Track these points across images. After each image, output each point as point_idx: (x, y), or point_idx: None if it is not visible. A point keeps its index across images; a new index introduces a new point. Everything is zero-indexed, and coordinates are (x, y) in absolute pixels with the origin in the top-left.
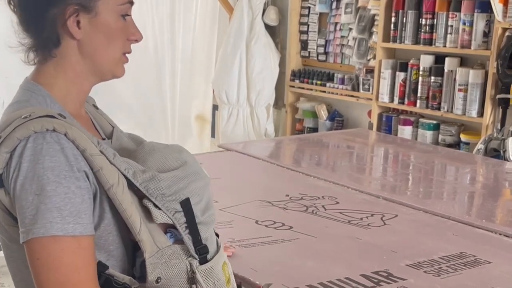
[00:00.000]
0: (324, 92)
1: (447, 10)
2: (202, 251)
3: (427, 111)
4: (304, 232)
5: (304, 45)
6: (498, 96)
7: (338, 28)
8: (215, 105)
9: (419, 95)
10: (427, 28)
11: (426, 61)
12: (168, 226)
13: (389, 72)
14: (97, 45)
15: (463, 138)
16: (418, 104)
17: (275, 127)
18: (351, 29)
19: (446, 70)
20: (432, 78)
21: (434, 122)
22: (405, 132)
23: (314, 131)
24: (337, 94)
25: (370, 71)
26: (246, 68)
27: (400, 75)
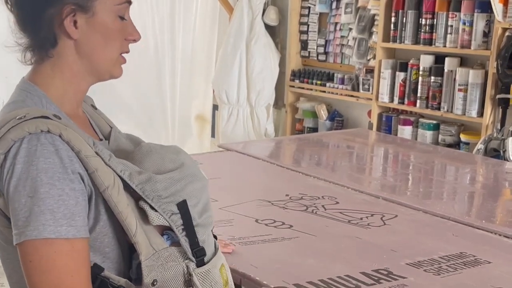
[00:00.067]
0: (324, 92)
1: (447, 10)
2: (199, 254)
3: (427, 111)
4: (304, 231)
5: (304, 45)
6: (498, 96)
7: (338, 28)
8: (215, 105)
9: (419, 95)
10: (427, 28)
11: (426, 61)
12: (165, 228)
13: (389, 72)
14: (94, 45)
15: (463, 138)
16: (418, 104)
17: (275, 127)
18: (351, 29)
19: (446, 70)
20: (432, 78)
21: (434, 122)
22: (405, 132)
23: (314, 131)
24: (337, 94)
25: (370, 71)
26: (246, 68)
27: (400, 75)
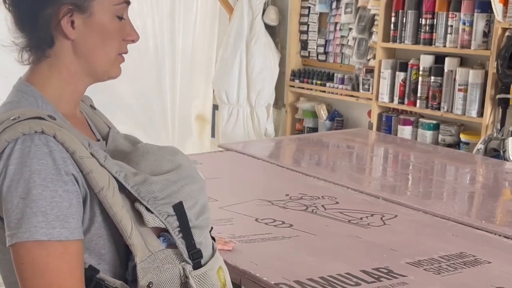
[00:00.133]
0: (324, 92)
1: (447, 10)
2: (195, 256)
3: (427, 111)
4: (304, 230)
5: (304, 45)
6: (498, 96)
7: (338, 28)
8: (215, 105)
9: (419, 95)
10: (427, 28)
11: (426, 61)
12: (162, 230)
13: (389, 72)
14: (91, 45)
15: (463, 138)
16: (418, 104)
17: (275, 127)
18: (351, 29)
19: (446, 70)
20: (432, 78)
21: (434, 122)
22: (405, 132)
23: (314, 131)
24: (337, 94)
25: (370, 71)
26: (246, 68)
27: (400, 75)
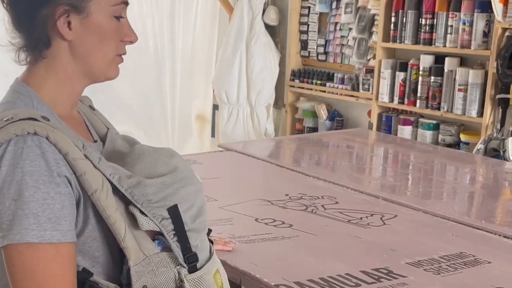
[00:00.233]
0: (324, 92)
1: (447, 10)
2: (191, 259)
3: (427, 111)
4: (304, 230)
5: (304, 45)
6: (498, 96)
7: (338, 28)
8: (215, 105)
9: (419, 95)
10: (427, 28)
11: (426, 61)
12: (157, 233)
13: (389, 72)
14: (89, 46)
15: (463, 138)
16: (418, 104)
17: (275, 127)
18: (351, 29)
19: (446, 70)
20: (432, 78)
21: (434, 122)
22: (405, 132)
23: (314, 131)
24: (337, 94)
25: (370, 71)
26: (246, 68)
27: (400, 75)
